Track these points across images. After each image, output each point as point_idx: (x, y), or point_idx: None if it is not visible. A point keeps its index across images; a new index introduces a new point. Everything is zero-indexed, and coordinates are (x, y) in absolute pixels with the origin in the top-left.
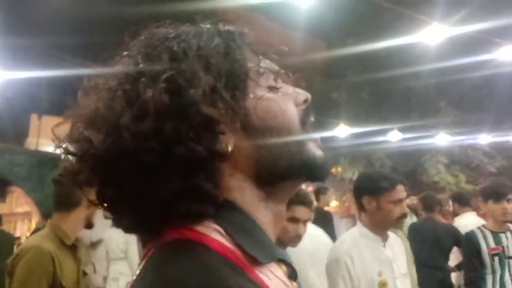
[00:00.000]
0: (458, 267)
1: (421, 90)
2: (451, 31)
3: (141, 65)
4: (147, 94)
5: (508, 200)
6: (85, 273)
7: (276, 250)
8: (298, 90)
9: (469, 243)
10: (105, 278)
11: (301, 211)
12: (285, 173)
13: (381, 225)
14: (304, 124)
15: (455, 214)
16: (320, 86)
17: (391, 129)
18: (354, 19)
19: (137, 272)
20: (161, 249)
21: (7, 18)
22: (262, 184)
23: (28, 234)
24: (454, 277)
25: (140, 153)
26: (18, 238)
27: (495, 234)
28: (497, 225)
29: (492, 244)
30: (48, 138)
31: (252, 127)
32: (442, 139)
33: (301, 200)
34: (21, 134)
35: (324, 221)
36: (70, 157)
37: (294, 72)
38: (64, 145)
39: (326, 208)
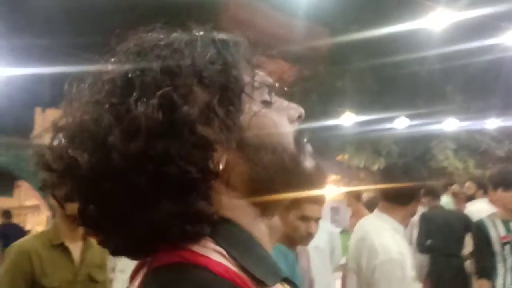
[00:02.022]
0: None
1: (427, 75)
2: (456, 16)
3: (130, 76)
4: (139, 110)
5: None
6: (94, 280)
7: (279, 268)
8: (292, 105)
9: (479, 232)
10: (112, 270)
11: (312, 209)
12: (281, 190)
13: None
14: (298, 141)
15: (471, 198)
16: (325, 74)
17: (398, 116)
18: (358, 5)
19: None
20: (157, 274)
21: (6, 15)
22: (256, 202)
23: (38, 227)
24: (469, 264)
25: (128, 174)
26: (29, 231)
27: (505, 222)
28: (507, 213)
29: (502, 232)
30: None
31: (246, 144)
32: (449, 124)
33: (313, 197)
34: (26, 128)
35: None
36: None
37: (298, 60)
38: (44, 158)
39: None
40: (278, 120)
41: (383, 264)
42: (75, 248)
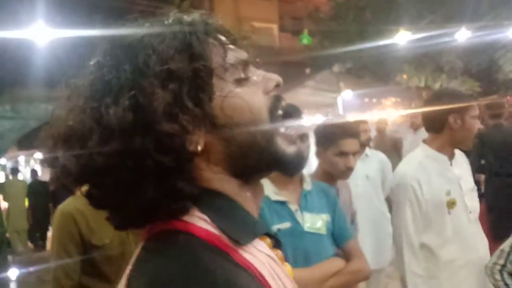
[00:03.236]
0: None
1: None
2: None
3: (106, 79)
4: (112, 113)
5: None
6: None
7: (258, 226)
8: (269, 75)
9: None
10: None
11: (349, 144)
12: (256, 166)
13: (459, 144)
14: (274, 113)
15: None
16: None
17: (459, 28)
18: None
19: (133, 261)
20: (151, 240)
21: None
22: (237, 174)
23: None
24: None
25: (111, 171)
26: None
27: None
28: None
29: None
30: None
31: (220, 125)
32: None
33: (347, 132)
34: None
35: None
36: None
37: None
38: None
39: None
40: (251, 98)
41: (395, 188)
42: None
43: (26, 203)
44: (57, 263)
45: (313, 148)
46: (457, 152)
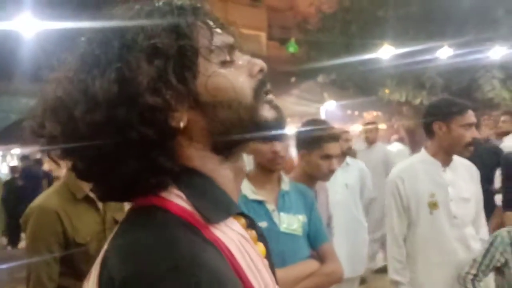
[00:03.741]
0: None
1: None
2: None
3: (96, 53)
4: (96, 85)
5: None
6: (117, 222)
7: (232, 206)
8: (254, 60)
9: (507, 163)
10: None
11: (332, 147)
12: (238, 141)
13: (449, 150)
14: (258, 94)
15: (508, 133)
16: (366, 4)
17: (441, 46)
18: None
19: (114, 232)
20: (128, 216)
21: None
22: (219, 151)
23: None
24: (497, 199)
25: (95, 140)
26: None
27: None
28: None
29: None
30: None
31: (204, 103)
32: (497, 52)
33: (332, 136)
34: None
35: None
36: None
37: None
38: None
39: None
40: (234, 78)
41: (386, 184)
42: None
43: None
44: (37, 260)
45: (294, 151)
46: (459, 160)
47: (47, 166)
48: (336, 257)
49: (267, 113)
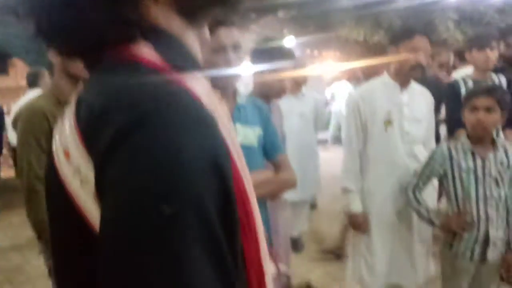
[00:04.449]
0: None
1: None
2: None
3: None
4: None
5: (491, 48)
6: None
7: (199, 63)
8: None
9: (451, 90)
10: None
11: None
12: (202, 4)
13: (399, 73)
14: None
15: (454, 68)
16: None
17: None
18: None
19: (85, 84)
20: (103, 67)
21: None
22: (184, 13)
23: None
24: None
25: None
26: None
27: (475, 82)
28: (479, 73)
29: None
30: None
31: None
32: None
33: (285, 54)
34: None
35: None
36: None
37: None
38: None
39: None
40: None
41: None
42: None
43: None
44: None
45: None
46: (418, 87)
47: None
48: (290, 166)
49: None
